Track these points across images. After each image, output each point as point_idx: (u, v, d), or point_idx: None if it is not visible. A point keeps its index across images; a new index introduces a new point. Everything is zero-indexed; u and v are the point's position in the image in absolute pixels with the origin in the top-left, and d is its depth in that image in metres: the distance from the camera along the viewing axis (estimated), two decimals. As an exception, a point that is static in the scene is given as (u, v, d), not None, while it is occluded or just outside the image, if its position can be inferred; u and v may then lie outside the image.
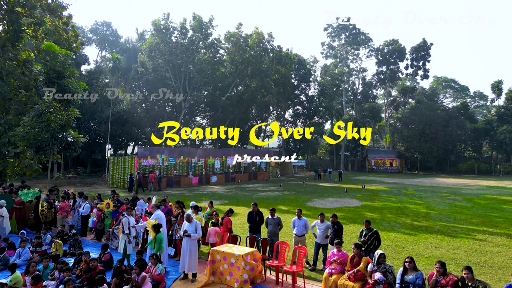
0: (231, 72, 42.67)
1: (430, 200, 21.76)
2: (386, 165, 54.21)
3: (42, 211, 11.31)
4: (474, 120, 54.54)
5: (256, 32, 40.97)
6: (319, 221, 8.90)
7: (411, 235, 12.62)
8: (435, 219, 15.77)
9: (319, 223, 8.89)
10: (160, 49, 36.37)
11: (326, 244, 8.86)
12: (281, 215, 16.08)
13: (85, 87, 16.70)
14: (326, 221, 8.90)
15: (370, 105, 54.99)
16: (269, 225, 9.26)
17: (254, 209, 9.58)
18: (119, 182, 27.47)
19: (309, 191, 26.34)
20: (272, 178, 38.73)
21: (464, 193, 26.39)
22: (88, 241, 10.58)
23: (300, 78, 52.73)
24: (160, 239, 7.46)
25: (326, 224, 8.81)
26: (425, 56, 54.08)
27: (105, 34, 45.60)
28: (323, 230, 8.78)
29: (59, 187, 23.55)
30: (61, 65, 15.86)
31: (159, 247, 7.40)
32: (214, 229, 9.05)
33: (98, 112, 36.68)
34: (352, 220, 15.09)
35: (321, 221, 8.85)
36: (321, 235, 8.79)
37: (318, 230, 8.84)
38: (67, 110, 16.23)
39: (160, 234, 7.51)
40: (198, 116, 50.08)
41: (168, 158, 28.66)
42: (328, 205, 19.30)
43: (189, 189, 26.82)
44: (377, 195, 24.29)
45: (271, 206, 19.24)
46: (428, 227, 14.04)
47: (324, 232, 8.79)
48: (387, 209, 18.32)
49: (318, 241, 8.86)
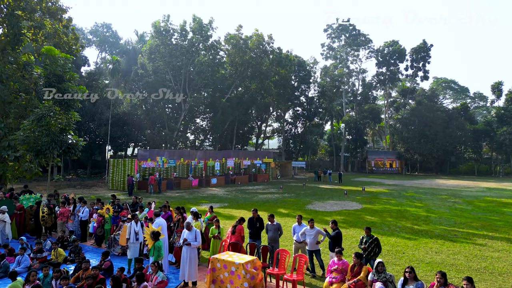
0: (231, 74, 42.68)
1: (430, 203, 21.75)
2: (386, 166, 54.21)
3: (43, 216, 11.31)
4: (474, 121, 54.51)
5: (256, 34, 40.98)
6: (308, 227, 8.81)
7: (411, 240, 12.62)
8: (435, 222, 15.76)
9: (308, 229, 8.80)
10: (160, 51, 36.38)
11: (318, 250, 8.82)
12: (281, 219, 16.10)
13: (85, 91, 16.69)
14: (316, 227, 8.89)
15: (370, 106, 55.00)
16: (269, 231, 9.26)
17: (254, 215, 9.58)
18: (119, 184, 27.47)
19: (309, 193, 26.34)
20: (272, 180, 38.73)
21: (464, 195, 26.38)
22: (88, 246, 10.57)
23: (300, 80, 52.76)
24: (159, 246, 7.46)
25: (316, 230, 8.76)
26: (425, 58, 54.08)
27: (105, 35, 45.61)
28: (313, 236, 8.73)
29: (59, 190, 23.57)
30: (61, 69, 15.85)
31: (158, 254, 7.40)
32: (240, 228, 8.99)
33: (98, 113, 36.69)
34: (352, 224, 15.09)
35: (311, 227, 8.77)
36: (311, 241, 8.71)
37: (308, 237, 8.72)
38: (67, 114, 16.22)
39: (158, 242, 7.49)
40: (198, 118, 50.09)
41: (168, 160, 28.67)
42: (328, 208, 19.30)
43: (189, 192, 26.82)
44: (377, 197, 24.28)
45: (271, 209, 19.40)
46: (428, 231, 14.04)
47: (315, 238, 8.74)
48: (387, 212, 18.32)
49: (308, 248, 8.75)
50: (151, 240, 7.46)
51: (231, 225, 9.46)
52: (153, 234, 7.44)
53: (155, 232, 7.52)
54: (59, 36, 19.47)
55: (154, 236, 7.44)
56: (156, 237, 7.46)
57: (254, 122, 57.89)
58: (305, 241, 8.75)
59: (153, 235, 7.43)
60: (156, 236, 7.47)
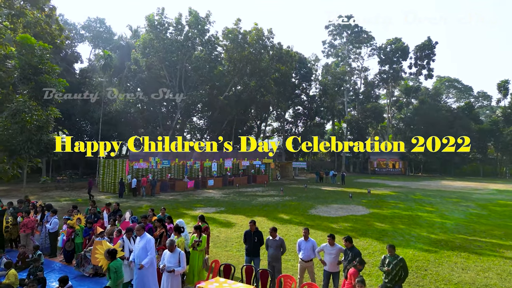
0: (229, 71, 41.02)
1: (441, 207, 20.26)
2: (388, 167, 52.75)
3: (7, 227, 9.74)
4: (479, 121, 53.14)
5: (256, 29, 39.31)
6: (328, 244, 7.32)
7: (431, 252, 11.08)
8: (453, 231, 14.23)
9: (328, 246, 7.31)
10: (154, 46, 34.71)
11: (337, 272, 7.32)
12: (283, 226, 14.54)
13: (65, 84, 15.08)
14: (337, 243, 7.36)
15: (372, 105, 53.47)
16: (270, 247, 7.72)
17: (252, 228, 8.03)
18: (109, 186, 25.88)
19: (311, 196, 24.79)
20: (272, 181, 37.14)
21: (475, 198, 24.93)
22: (56, 263, 8.98)
23: (301, 77, 51.16)
24: (115, 267, 6.06)
25: (337, 248, 7.25)
26: (430, 55, 52.62)
27: (98, 31, 43.95)
28: (334, 255, 7.23)
29: (44, 193, 22.02)
30: (38, 59, 14.24)
31: (116, 277, 5.97)
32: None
33: (90, 112, 35.08)
34: (361, 233, 13.54)
35: (331, 244, 7.27)
36: (331, 261, 7.23)
37: (328, 256, 7.27)
38: (45, 110, 14.61)
39: (115, 262, 6.11)
40: (194, 117, 48.44)
41: (162, 160, 27.05)
42: (333, 213, 17.76)
43: (184, 194, 25.25)
44: (384, 200, 22.77)
45: (271, 214, 17.81)
46: (448, 241, 12.51)
47: (336, 258, 7.24)
48: (398, 218, 16.79)
49: (327, 268, 7.29)
50: (106, 260, 6.14)
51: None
52: (109, 252, 6.13)
53: (111, 250, 6.18)
54: (41, 26, 17.82)
55: (110, 255, 6.11)
56: (112, 256, 6.12)
57: (253, 121, 56.30)
58: (321, 260, 7.34)
59: (109, 254, 6.12)
60: (112, 255, 6.12)
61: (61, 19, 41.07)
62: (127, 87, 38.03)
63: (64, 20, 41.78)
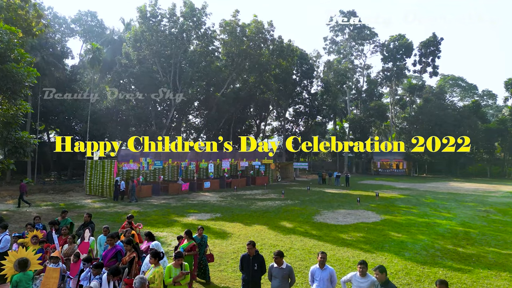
0: (226, 66, 39.01)
1: (459, 213, 18.44)
2: (392, 167, 50.98)
3: None
4: (486, 120, 51.45)
5: (255, 21, 37.29)
6: (358, 274, 5.49)
7: (464, 272, 9.22)
8: (481, 242, 12.38)
9: (358, 276, 5.48)
10: (147, 39, 32.69)
11: None
12: (286, 237, 12.63)
13: (37, 75, 13.16)
14: (370, 274, 5.51)
15: (376, 103, 51.63)
16: (275, 278, 5.84)
17: (250, 251, 6.14)
18: (97, 189, 23.95)
19: (315, 199, 22.92)
20: (272, 183, 35.25)
21: (492, 201, 23.16)
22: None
23: (302, 74, 49.22)
24: (18, 281, 5.20)
25: (370, 280, 5.39)
26: (435, 52, 50.82)
27: (89, 24, 41.93)
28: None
29: (27, 196, 20.10)
30: (4, 45, 12.32)
31: None
32: None
33: (79, 109, 33.11)
34: (377, 245, 11.66)
35: (362, 275, 5.43)
36: None
37: None
38: (13, 104, 12.69)
39: (21, 275, 5.25)
40: (190, 115, 46.45)
41: (154, 161, 25.09)
42: (341, 220, 15.89)
43: (178, 198, 23.33)
44: (394, 205, 20.92)
45: (272, 222, 15.84)
46: (479, 256, 10.66)
47: None
48: (414, 226, 14.93)
49: None
50: (13, 270, 5.37)
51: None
52: (19, 263, 5.35)
53: (22, 261, 5.36)
54: (14, 11, 15.86)
55: (20, 266, 5.34)
56: (22, 267, 5.33)
57: (252, 120, 54.40)
58: None
59: (19, 265, 5.35)
60: (22, 266, 5.33)
61: (50, 12, 39.10)
62: (120, 84, 36.04)
63: (53, 13, 39.80)
